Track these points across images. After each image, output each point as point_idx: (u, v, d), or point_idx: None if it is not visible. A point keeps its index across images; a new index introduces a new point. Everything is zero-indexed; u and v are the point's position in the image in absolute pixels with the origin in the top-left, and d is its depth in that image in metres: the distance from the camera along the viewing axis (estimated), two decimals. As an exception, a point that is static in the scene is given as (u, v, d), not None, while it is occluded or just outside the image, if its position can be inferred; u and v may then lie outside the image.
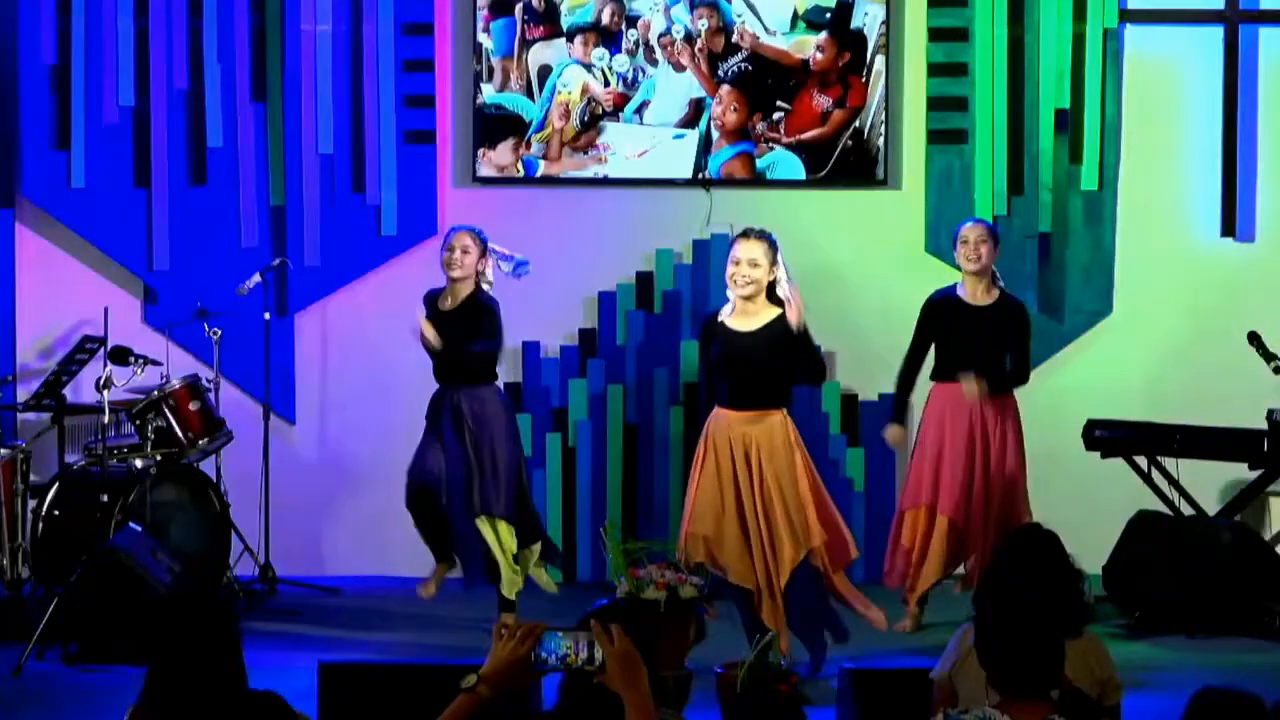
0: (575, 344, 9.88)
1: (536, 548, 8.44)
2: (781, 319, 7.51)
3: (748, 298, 7.52)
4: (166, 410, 8.72)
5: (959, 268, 8.68)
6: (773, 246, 7.55)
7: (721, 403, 7.59)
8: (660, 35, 9.72)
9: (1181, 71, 10.00)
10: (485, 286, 8.37)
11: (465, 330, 8.25)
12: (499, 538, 8.26)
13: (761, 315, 7.54)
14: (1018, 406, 8.61)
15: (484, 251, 8.38)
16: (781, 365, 7.52)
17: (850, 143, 9.77)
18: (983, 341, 8.49)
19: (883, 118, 9.77)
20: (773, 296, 7.55)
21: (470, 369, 8.26)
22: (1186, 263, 9.99)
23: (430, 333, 8.18)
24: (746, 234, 7.59)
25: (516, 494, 8.32)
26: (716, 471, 7.50)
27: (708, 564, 7.42)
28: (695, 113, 9.76)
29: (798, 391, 9.78)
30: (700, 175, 9.77)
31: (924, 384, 8.71)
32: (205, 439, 8.88)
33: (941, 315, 8.60)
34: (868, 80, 9.75)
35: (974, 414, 8.46)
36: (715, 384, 7.67)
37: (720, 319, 7.61)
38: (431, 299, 8.42)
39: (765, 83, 9.75)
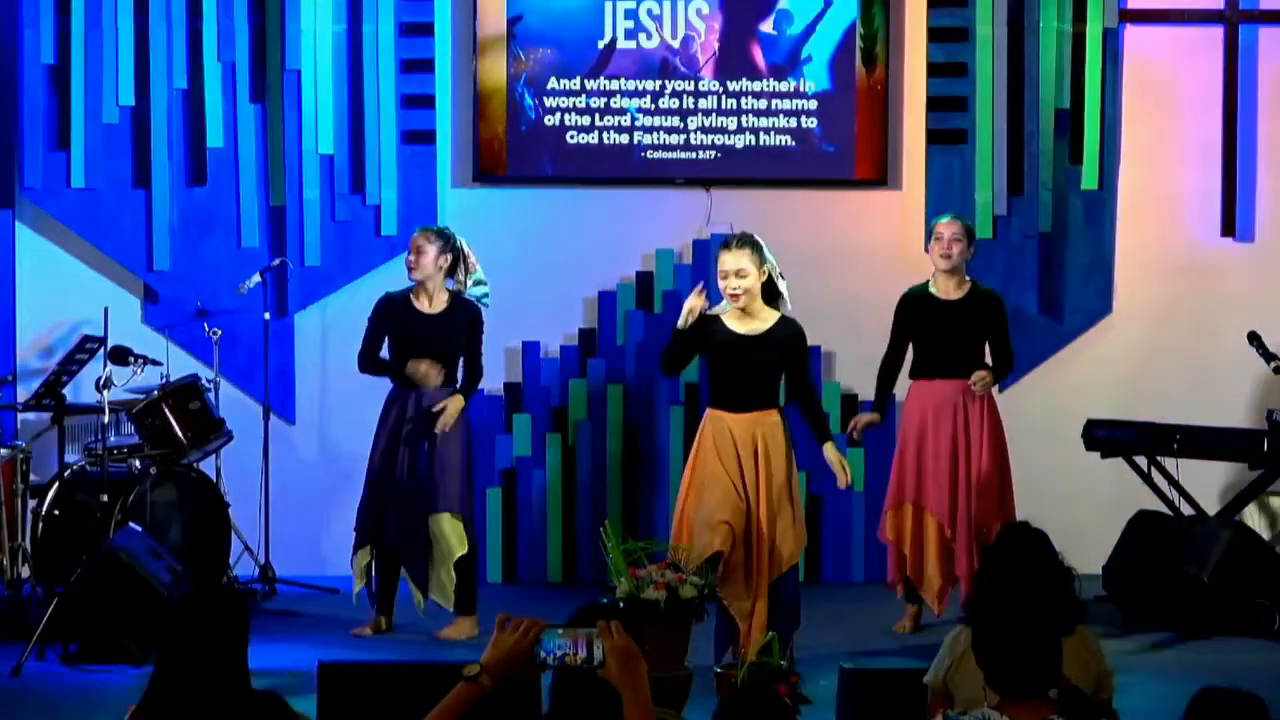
0: (575, 344, 9.89)
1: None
2: (784, 323, 7.49)
3: (742, 306, 7.48)
4: (166, 410, 8.72)
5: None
6: (756, 249, 7.47)
7: (722, 405, 7.52)
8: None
9: (1181, 71, 10.01)
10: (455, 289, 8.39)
11: (461, 332, 8.30)
12: (444, 537, 8.27)
13: (763, 317, 7.51)
14: (996, 405, 8.58)
15: (445, 249, 8.35)
16: (785, 369, 7.50)
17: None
18: (958, 335, 8.45)
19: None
20: (768, 295, 7.52)
21: (447, 373, 8.34)
22: (1186, 263, 10.00)
23: (429, 373, 8.24)
24: (728, 244, 7.50)
25: (469, 495, 8.38)
26: (720, 473, 7.45)
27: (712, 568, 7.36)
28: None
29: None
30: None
31: (903, 380, 8.67)
32: (205, 439, 8.88)
33: (915, 312, 8.53)
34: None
35: (955, 412, 8.40)
36: (715, 385, 7.63)
37: (719, 317, 7.56)
38: (398, 301, 8.40)
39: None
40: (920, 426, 8.43)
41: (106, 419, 8.49)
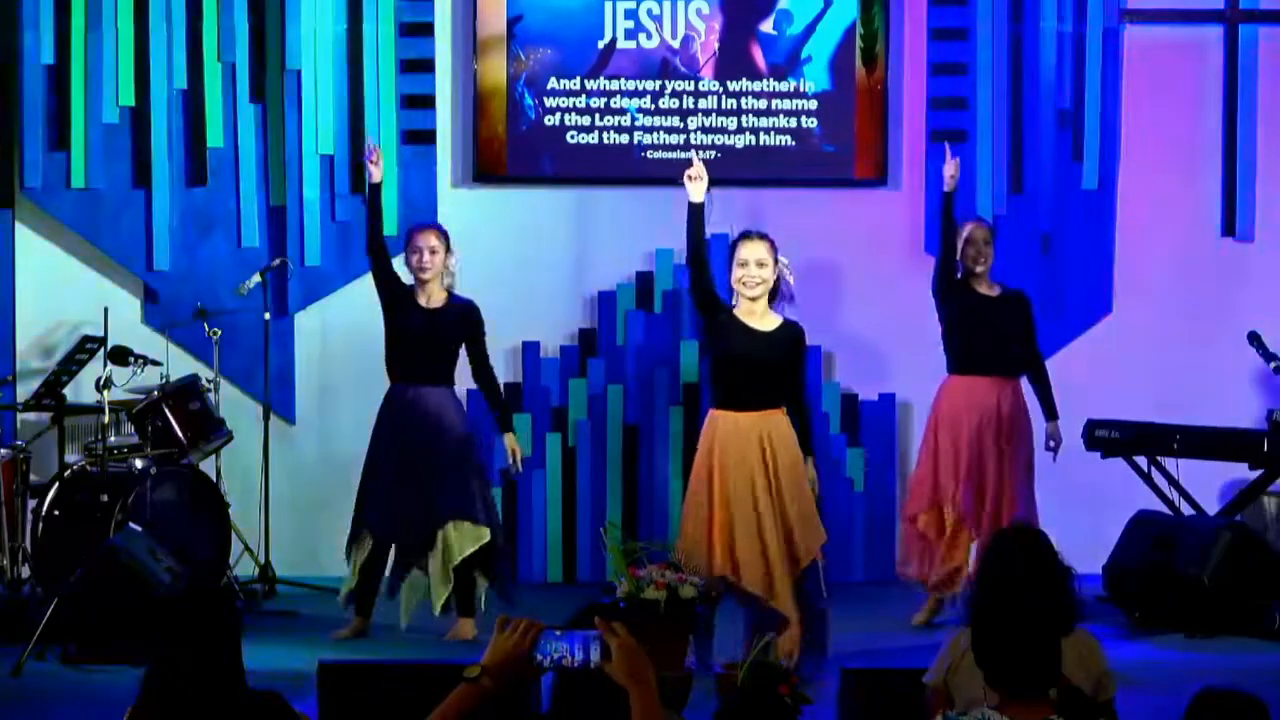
0: (575, 344, 9.88)
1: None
2: (790, 324, 7.48)
3: (755, 298, 7.45)
4: (166, 410, 8.72)
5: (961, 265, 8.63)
6: (773, 245, 7.50)
7: (728, 404, 7.43)
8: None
9: (1181, 72, 10.01)
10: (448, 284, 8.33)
11: (461, 331, 8.26)
12: (460, 543, 8.22)
13: (771, 316, 7.49)
14: (1027, 407, 8.59)
15: (449, 249, 8.34)
16: (790, 367, 7.48)
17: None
18: (998, 331, 8.48)
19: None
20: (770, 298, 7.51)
21: (445, 371, 8.27)
22: (1186, 263, 10.00)
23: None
24: (749, 235, 7.49)
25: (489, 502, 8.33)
26: (725, 479, 7.40)
27: (729, 576, 7.32)
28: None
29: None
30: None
31: (933, 378, 8.68)
32: (205, 439, 8.88)
33: (961, 296, 8.52)
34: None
35: (987, 413, 8.42)
36: (723, 383, 7.54)
37: (732, 310, 7.51)
38: (407, 291, 8.37)
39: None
40: (954, 429, 8.46)
41: (106, 419, 8.49)
